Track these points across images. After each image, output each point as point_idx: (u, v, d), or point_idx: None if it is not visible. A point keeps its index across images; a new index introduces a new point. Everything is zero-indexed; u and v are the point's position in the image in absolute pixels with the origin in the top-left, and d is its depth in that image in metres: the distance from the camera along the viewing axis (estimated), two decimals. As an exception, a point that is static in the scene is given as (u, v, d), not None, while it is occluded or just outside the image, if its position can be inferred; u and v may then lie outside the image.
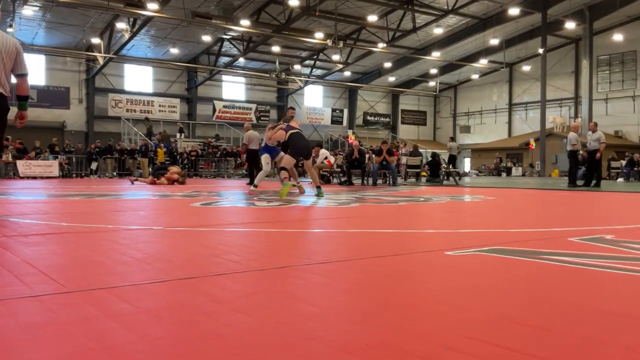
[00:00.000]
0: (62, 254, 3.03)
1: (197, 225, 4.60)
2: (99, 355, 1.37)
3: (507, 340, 1.50)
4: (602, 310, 1.83)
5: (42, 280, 2.24)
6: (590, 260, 2.75)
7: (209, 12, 26.26)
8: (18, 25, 25.40)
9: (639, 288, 2.19)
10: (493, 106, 42.90)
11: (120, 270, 2.50)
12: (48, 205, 7.05)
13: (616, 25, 31.87)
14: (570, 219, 5.49)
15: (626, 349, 1.43)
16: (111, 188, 12.42)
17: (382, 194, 9.91)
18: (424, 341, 1.49)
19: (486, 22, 31.88)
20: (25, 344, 1.46)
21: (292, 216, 5.68)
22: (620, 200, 8.55)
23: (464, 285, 2.24)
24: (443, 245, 3.29)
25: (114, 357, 1.36)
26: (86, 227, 4.23)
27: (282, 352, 1.40)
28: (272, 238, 3.76)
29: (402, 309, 1.85)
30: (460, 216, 5.88)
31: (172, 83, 34.62)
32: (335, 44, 28.08)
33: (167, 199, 8.19)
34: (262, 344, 1.47)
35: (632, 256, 2.90)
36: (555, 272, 2.51)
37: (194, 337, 1.51)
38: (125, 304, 1.86)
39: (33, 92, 29.59)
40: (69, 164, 24.53)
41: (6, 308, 1.81)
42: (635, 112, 34.62)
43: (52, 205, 6.97)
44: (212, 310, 1.81)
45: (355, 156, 15.62)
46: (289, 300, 1.94)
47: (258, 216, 5.61)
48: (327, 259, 2.82)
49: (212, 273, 2.42)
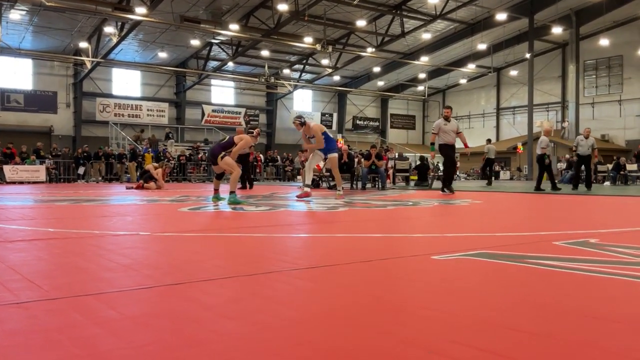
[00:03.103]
0: (47, 260, 3.01)
1: (184, 230, 4.59)
2: (84, 362, 1.37)
3: (492, 344, 1.51)
4: (587, 315, 1.85)
5: (27, 287, 2.22)
6: (575, 264, 2.78)
7: (197, 16, 26.22)
8: (5, 29, 25.21)
9: (623, 292, 2.22)
10: (481, 110, 43.18)
11: (106, 276, 2.48)
12: (34, 210, 6.99)
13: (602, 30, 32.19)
14: (555, 223, 5.53)
15: (611, 353, 1.45)
16: (98, 193, 12.34)
17: (371, 198, 9.93)
18: (409, 345, 1.50)
19: (474, 27, 32.11)
20: (10, 351, 1.45)
21: (280, 221, 5.68)
22: (605, 204, 8.64)
23: (450, 290, 2.25)
24: (430, 250, 3.31)
25: (99, 364, 1.35)
26: (72, 233, 4.20)
27: (269, 358, 1.40)
28: (259, 243, 3.76)
29: (388, 314, 1.86)
30: (448, 220, 5.91)
31: (161, 87, 34.51)
32: (325, 48, 28.16)
33: (155, 204, 8.15)
34: (250, 349, 1.47)
35: (617, 260, 2.93)
36: (541, 276, 2.53)
37: (180, 344, 1.51)
38: (112, 311, 1.86)
39: (20, 97, 29.42)
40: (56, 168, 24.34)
41: (-10, 315, 1.80)
42: (622, 117, 34.99)
43: (39, 211, 6.91)
44: (199, 316, 1.80)
45: (344, 160, 15.64)
46: (276, 306, 1.94)
47: (246, 221, 5.60)
48: (315, 264, 2.82)
49: (199, 279, 2.42)
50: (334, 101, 42.32)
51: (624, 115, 34.98)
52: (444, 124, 11.54)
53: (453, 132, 11.59)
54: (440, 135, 11.53)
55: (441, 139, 11.54)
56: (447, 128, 11.50)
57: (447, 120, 11.58)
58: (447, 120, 11.58)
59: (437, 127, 11.65)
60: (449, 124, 11.58)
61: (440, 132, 11.54)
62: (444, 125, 11.52)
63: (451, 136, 11.52)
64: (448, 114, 11.65)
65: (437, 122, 11.80)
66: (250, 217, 6.02)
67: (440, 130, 11.53)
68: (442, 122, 11.58)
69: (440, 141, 11.56)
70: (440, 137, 11.54)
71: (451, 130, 11.55)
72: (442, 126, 11.53)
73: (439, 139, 11.57)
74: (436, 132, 11.63)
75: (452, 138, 11.55)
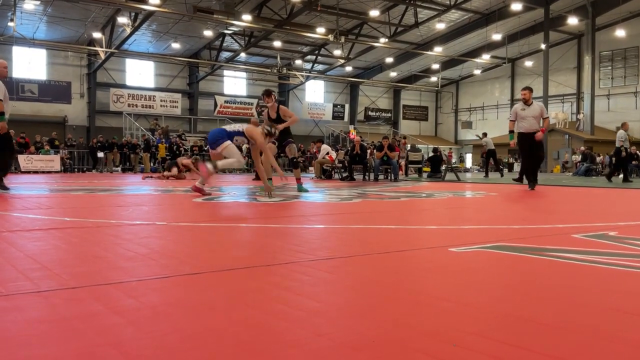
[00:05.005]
0: (66, 249, 3.03)
1: (200, 220, 4.60)
2: (106, 351, 1.37)
3: (514, 337, 1.50)
4: (608, 308, 1.83)
5: (47, 276, 2.24)
6: (595, 257, 2.74)
7: (210, 6, 26.22)
8: (19, 20, 25.38)
9: (644, 285, 2.19)
10: (495, 102, 42.85)
11: (124, 265, 2.49)
12: (50, 199, 7.05)
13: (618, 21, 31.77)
14: (572, 215, 5.48)
15: (634, 346, 1.43)
16: (113, 183, 12.42)
17: (384, 189, 9.90)
18: (431, 338, 1.48)
19: (488, 18, 31.82)
20: (32, 340, 1.45)
21: (295, 212, 5.68)
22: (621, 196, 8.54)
23: (470, 282, 2.23)
24: (447, 242, 3.29)
25: (121, 352, 1.35)
26: (89, 222, 4.23)
27: (289, 349, 1.40)
28: (275, 233, 3.76)
29: (408, 305, 1.85)
30: (463, 212, 5.88)
31: (174, 78, 34.61)
32: (337, 39, 28.04)
33: (169, 194, 8.19)
34: (269, 339, 1.47)
35: (636, 253, 2.90)
36: (560, 269, 2.51)
37: (200, 333, 1.51)
38: (131, 300, 1.86)
39: (34, 87, 29.61)
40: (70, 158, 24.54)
41: (11, 303, 1.81)
42: (638, 108, 34.57)
43: (55, 200, 6.97)
44: (217, 305, 1.80)
45: (356, 151, 15.62)
46: (295, 296, 1.94)
47: (260, 212, 5.61)
48: (332, 255, 2.81)
49: (216, 269, 2.42)
50: (346, 92, 42.19)
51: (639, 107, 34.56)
52: (521, 108, 9.96)
53: (533, 117, 9.83)
54: (518, 122, 10.01)
55: (519, 126, 10.02)
56: (525, 113, 9.87)
57: (526, 103, 9.97)
58: (526, 103, 9.97)
59: (513, 112, 10.16)
60: (528, 109, 9.86)
61: (517, 119, 9.99)
62: (521, 110, 9.92)
63: (529, 122, 9.82)
64: (525, 96, 10.03)
65: (514, 107, 10.28)
66: (264, 207, 6.02)
67: (517, 116, 10.00)
68: (520, 107, 10.02)
69: (518, 129, 10.04)
70: (519, 124, 10.02)
71: (530, 116, 9.83)
72: (518, 111, 9.97)
73: (517, 127, 10.07)
74: (513, 119, 10.10)
75: (530, 125, 9.82)
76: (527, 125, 9.81)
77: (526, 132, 9.83)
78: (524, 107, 9.91)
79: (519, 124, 9.94)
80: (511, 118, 10.18)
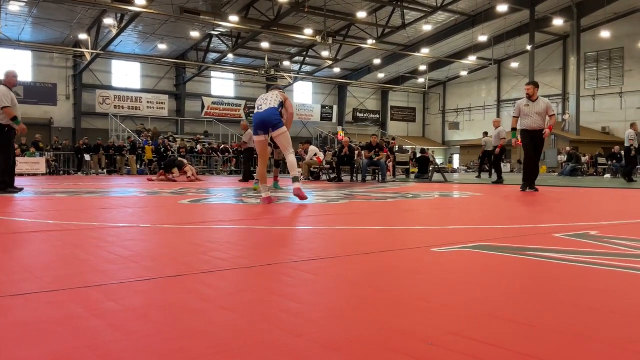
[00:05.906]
0: (48, 251, 3.02)
1: (184, 222, 4.59)
2: (84, 353, 1.37)
3: (491, 336, 1.51)
4: (587, 307, 1.86)
5: (28, 279, 2.23)
6: (575, 256, 2.78)
7: (197, 7, 26.16)
8: (4, 21, 25.16)
9: (623, 284, 2.22)
10: (482, 103, 43.12)
11: (106, 268, 2.49)
12: (34, 203, 7.00)
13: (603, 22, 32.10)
14: (555, 215, 5.53)
15: (612, 345, 1.45)
16: (99, 185, 12.34)
17: (371, 190, 9.93)
18: (408, 337, 1.50)
19: (475, 19, 32.02)
20: (10, 342, 1.45)
21: (280, 213, 5.69)
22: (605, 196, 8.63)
23: (449, 282, 2.25)
24: (429, 242, 3.31)
25: (99, 355, 1.35)
26: (72, 225, 4.20)
27: (267, 350, 1.41)
28: (259, 235, 3.76)
29: (387, 306, 1.86)
30: (448, 213, 5.91)
31: (161, 79, 34.47)
32: (325, 40, 28.09)
33: (155, 197, 8.16)
34: (248, 341, 1.48)
35: (617, 252, 2.93)
36: (541, 269, 2.54)
37: (180, 335, 1.51)
38: (112, 303, 1.86)
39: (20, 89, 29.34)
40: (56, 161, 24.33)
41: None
42: (623, 109, 34.94)
43: (39, 203, 6.92)
44: (198, 308, 1.81)
45: (345, 152, 15.65)
46: (276, 297, 1.95)
47: (246, 213, 5.61)
48: (315, 256, 2.82)
49: (199, 271, 2.42)
50: (334, 93, 42.27)
51: (624, 107, 34.93)
52: (525, 104, 9.45)
53: (537, 114, 9.32)
54: (522, 119, 9.51)
55: (522, 123, 9.51)
56: (528, 110, 9.36)
57: (530, 99, 9.45)
58: (530, 99, 9.45)
59: (517, 109, 9.67)
60: (533, 105, 9.36)
61: (521, 115, 9.52)
62: (525, 106, 9.43)
63: (532, 119, 9.34)
64: (529, 91, 9.45)
65: (518, 103, 9.78)
66: (250, 209, 6.02)
67: (521, 113, 9.51)
68: (524, 102, 9.51)
69: (521, 126, 9.56)
70: (522, 121, 9.52)
71: (534, 113, 9.30)
72: (522, 107, 9.49)
73: (520, 124, 9.61)
74: (517, 116, 9.63)
75: (533, 122, 9.34)
76: (531, 123, 9.35)
77: (530, 130, 9.37)
78: (528, 103, 9.42)
79: (522, 121, 9.48)
80: (514, 114, 9.73)
